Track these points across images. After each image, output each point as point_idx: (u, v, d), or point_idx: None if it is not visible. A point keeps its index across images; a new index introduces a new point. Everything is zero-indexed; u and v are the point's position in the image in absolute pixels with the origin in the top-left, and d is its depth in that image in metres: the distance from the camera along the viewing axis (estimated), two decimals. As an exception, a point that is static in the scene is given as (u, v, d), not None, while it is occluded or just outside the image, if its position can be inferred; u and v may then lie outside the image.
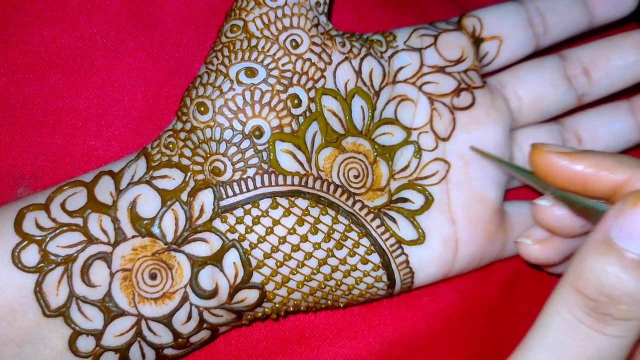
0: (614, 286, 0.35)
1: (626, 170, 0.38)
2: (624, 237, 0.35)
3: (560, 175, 0.40)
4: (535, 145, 0.42)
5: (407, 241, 0.47)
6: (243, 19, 0.45)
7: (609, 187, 0.39)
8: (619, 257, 0.35)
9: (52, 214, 0.42)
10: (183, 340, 0.43)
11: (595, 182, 0.39)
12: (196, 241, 0.43)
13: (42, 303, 0.41)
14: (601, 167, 0.39)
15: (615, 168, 0.38)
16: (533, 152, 0.42)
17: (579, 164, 0.40)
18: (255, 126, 0.43)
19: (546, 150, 0.41)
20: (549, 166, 0.41)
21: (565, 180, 0.40)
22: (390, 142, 0.48)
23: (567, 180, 0.40)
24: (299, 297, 0.45)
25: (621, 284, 0.35)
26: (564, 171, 0.40)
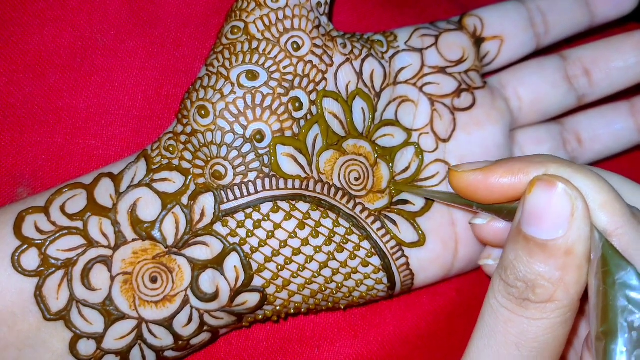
0: (527, 271, 0.36)
1: (539, 168, 0.38)
2: (527, 224, 0.36)
3: (481, 191, 0.41)
4: (450, 169, 0.42)
5: (407, 243, 0.47)
6: (244, 20, 0.45)
7: None
8: (526, 244, 0.36)
9: (51, 217, 0.42)
10: (183, 343, 0.43)
11: (515, 187, 0.39)
12: (197, 245, 0.43)
13: (43, 307, 0.41)
14: (514, 172, 0.39)
15: (528, 169, 0.39)
16: (450, 176, 0.42)
17: (493, 175, 0.40)
18: (257, 130, 0.43)
19: (461, 170, 0.41)
20: (468, 185, 0.41)
21: (488, 194, 0.41)
22: (391, 144, 0.48)
23: (489, 193, 0.40)
24: (300, 299, 0.45)
25: (532, 268, 0.36)
26: (483, 186, 0.40)
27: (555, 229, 0.35)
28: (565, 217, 0.35)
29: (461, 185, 0.41)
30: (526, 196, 0.36)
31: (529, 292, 0.36)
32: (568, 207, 0.35)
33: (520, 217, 0.37)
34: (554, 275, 0.36)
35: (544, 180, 0.36)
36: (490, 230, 0.44)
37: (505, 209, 0.41)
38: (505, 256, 0.37)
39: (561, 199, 0.35)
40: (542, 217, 0.36)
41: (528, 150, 0.53)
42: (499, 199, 0.40)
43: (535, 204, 0.36)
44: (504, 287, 0.37)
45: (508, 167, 0.39)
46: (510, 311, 0.37)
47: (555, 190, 0.36)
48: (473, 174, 0.41)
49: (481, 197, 0.41)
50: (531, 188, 0.36)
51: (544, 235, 0.36)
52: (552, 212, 0.35)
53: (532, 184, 0.36)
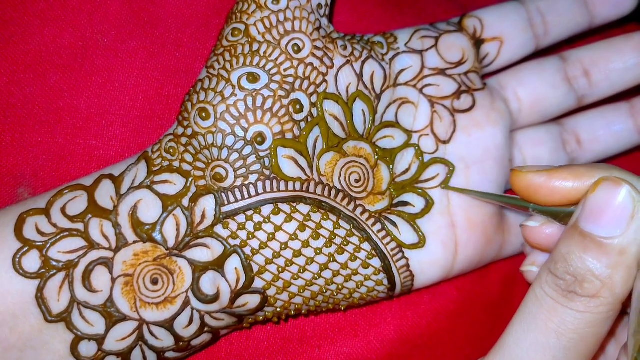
0: (578, 266, 0.38)
1: (603, 173, 0.40)
2: (585, 221, 0.38)
3: (542, 193, 0.42)
4: (515, 169, 0.43)
5: (407, 245, 0.47)
6: (244, 22, 0.45)
7: None
8: (581, 239, 0.38)
9: (52, 219, 0.42)
10: (184, 344, 0.44)
11: (577, 191, 0.40)
12: (198, 246, 0.43)
13: (44, 309, 0.41)
14: (579, 176, 0.40)
15: (593, 173, 0.40)
16: (513, 176, 0.43)
17: (558, 178, 0.41)
18: (257, 132, 0.43)
19: (525, 171, 0.42)
20: (530, 186, 0.42)
21: (548, 195, 0.42)
22: (391, 145, 0.48)
23: (550, 195, 0.42)
24: (301, 301, 0.45)
25: (583, 263, 0.38)
26: (545, 188, 0.42)
27: (614, 228, 0.37)
28: (625, 218, 0.37)
29: (523, 185, 0.43)
30: (589, 194, 0.38)
31: (577, 285, 0.38)
32: (630, 208, 0.37)
33: (579, 214, 0.38)
34: (603, 273, 0.37)
35: (610, 180, 0.38)
36: (542, 233, 0.45)
37: (562, 212, 0.42)
38: (558, 250, 0.39)
39: (624, 200, 0.37)
40: (603, 214, 0.37)
41: (528, 151, 0.53)
42: (558, 201, 0.42)
43: (598, 202, 0.38)
44: (552, 279, 0.39)
45: (573, 171, 0.41)
46: (555, 301, 0.38)
47: (620, 190, 0.37)
48: (537, 175, 0.42)
49: (541, 199, 0.42)
50: (596, 187, 0.38)
51: (602, 232, 0.37)
52: (613, 211, 0.37)
53: (597, 183, 0.38)
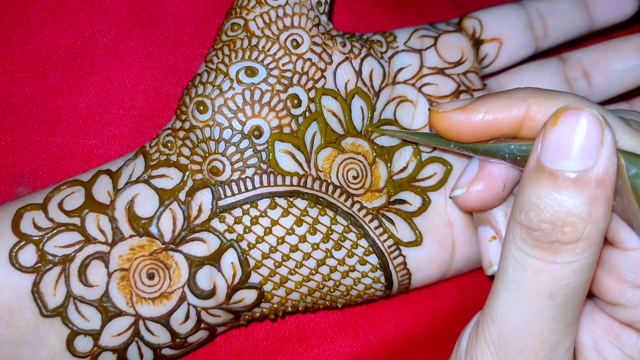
0: (554, 209, 0.34)
1: (520, 104, 0.38)
2: (552, 159, 0.34)
3: (463, 131, 0.40)
4: (431, 109, 0.41)
5: (404, 242, 0.46)
6: (244, 17, 0.45)
7: (512, 126, 0.39)
8: (552, 180, 0.34)
9: (49, 213, 0.42)
10: (181, 341, 0.43)
11: (497, 126, 0.39)
12: (194, 241, 0.43)
13: (40, 303, 0.41)
14: (496, 110, 0.38)
15: (510, 106, 0.38)
16: (431, 117, 0.41)
17: (476, 114, 0.39)
18: (255, 126, 0.43)
19: (442, 110, 0.40)
20: (450, 125, 0.40)
21: (469, 133, 0.40)
22: (389, 143, 0.48)
23: (471, 132, 0.40)
24: (297, 297, 0.45)
25: (561, 205, 0.34)
26: (465, 126, 0.40)
27: (586, 159, 0.34)
28: (595, 145, 0.34)
29: (443, 125, 0.41)
30: (549, 129, 0.35)
31: (557, 232, 0.35)
32: (598, 134, 0.34)
33: (540, 153, 0.35)
34: (584, 211, 0.34)
35: (570, 109, 0.34)
36: (474, 195, 0.42)
37: (480, 147, 0.40)
38: (525, 198, 0.35)
39: (590, 126, 0.34)
40: (571, 148, 0.34)
41: None
42: (480, 137, 0.40)
43: (562, 135, 0.34)
44: (527, 233, 0.35)
45: (490, 105, 0.39)
46: (540, 259, 0.35)
47: (582, 116, 0.34)
48: (455, 114, 0.40)
49: (463, 137, 0.40)
50: (556, 119, 0.34)
51: (575, 166, 0.34)
52: (581, 142, 0.34)
53: (556, 116, 0.35)
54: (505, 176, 0.42)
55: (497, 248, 0.44)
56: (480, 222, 0.46)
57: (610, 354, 0.39)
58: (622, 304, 0.39)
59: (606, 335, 0.40)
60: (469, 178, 0.43)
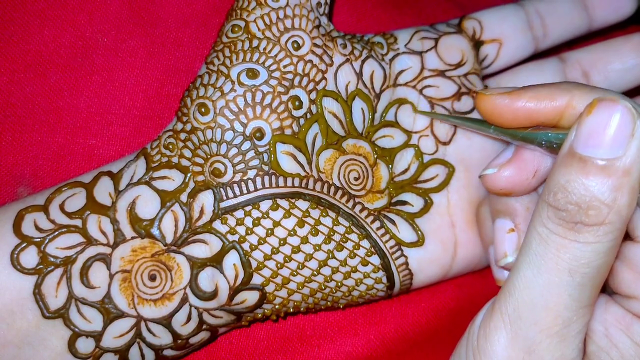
0: (581, 193, 0.36)
1: (564, 94, 0.40)
2: (583, 145, 0.36)
3: (506, 115, 0.42)
4: (479, 92, 0.43)
5: (406, 243, 0.47)
6: (244, 19, 0.45)
7: (554, 114, 0.41)
8: (582, 165, 0.36)
9: (51, 215, 0.42)
10: (182, 342, 0.43)
11: (540, 112, 0.40)
12: (196, 242, 0.43)
13: (41, 305, 0.41)
14: (540, 97, 0.40)
15: (554, 95, 0.40)
16: (478, 99, 0.43)
17: (520, 99, 0.41)
18: (256, 128, 0.43)
19: (488, 94, 0.42)
20: (494, 108, 0.42)
21: (512, 117, 0.42)
22: (391, 145, 0.48)
23: (514, 117, 0.42)
24: (299, 298, 0.45)
25: (587, 189, 0.36)
26: (509, 110, 0.42)
27: (616, 148, 0.36)
28: (626, 137, 0.35)
29: (487, 107, 0.42)
30: (584, 117, 0.36)
31: (582, 214, 0.36)
32: (630, 126, 0.36)
33: (573, 140, 0.37)
34: (609, 197, 0.36)
35: (606, 100, 0.36)
36: (501, 177, 0.44)
37: (519, 133, 0.42)
38: (555, 181, 0.37)
39: (623, 118, 0.36)
40: (603, 136, 0.36)
41: None
42: (521, 123, 0.41)
43: (595, 124, 0.36)
44: (554, 213, 0.37)
45: (535, 92, 0.41)
46: (562, 237, 0.37)
47: (617, 108, 0.36)
48: (500, 97, 0.42)
49: (505, 121, 0.42)
50: (592, 108, 0.36)
51: (604, 154, 0.36)
52: (613, 131, 0.36)
53: (592, 105, 0.36)
54: (538, 165, 0.44)
55: (513, 241, 0.45)
56: (500, 214, 0.46)
57: (620, 340, 0.40)
58: (637, 296, 0.41)
59: (618, 324, 0.41)
60: (502, 160, 0.45)
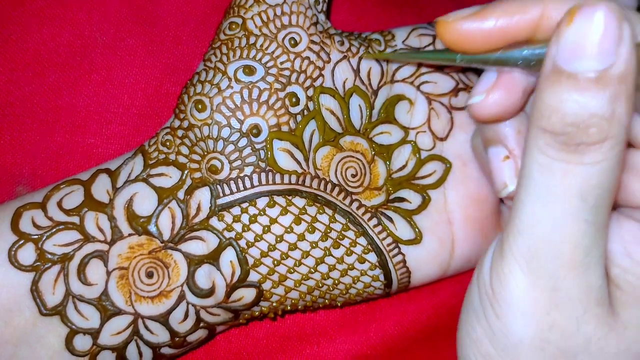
0: (577, 112, 0.33)
1: (537, 4, 0.37)
2: (569, 60, 0.33)
3: (475, 40, 0.38)
4: (439, 20, 0.39)
5: (404, 241, 0.46)
6: (242, 16, 0.45)
7: (528, 28, 0.38)
8: (572, 82, 0.33)
9: (48, 212, 0.42)
10: (180, 339, 0.43)
11: (513, 30, 0.37)
12: (193, 239, 0.43)
13: (39, 302, 0.41)
14: (511, 12, 0.37)
15: (525, 7, 0.37)
16: (439, 28, 0.39)
17: (488, 19, 0.38)
18: (253, 124, 0.43)
19: (451, 20, 0.39)
20: (460, 34, 0.39)
21: (483, 42, 0.38)
22: (388, 142, 0.48)
23: (485, 41, 0.38)
24: (296, 296, 0.45)
25: (583, 107, 0.33)
26: (478, 34, 0.38)
27: (606, 57, 0.32)
28: (614, 42, 0.32)
29: (454, 35, 0.39)
30: (564, 29, 0.33)
31: (583, 134, 0.34)
32: (616, 31, 0.32)
33: (556, 55, 0.33)
34: (607, 110, 0.33)
35: (585, 6, 0.33)
36: (492, 102, 0.41)
37: (491, 57, 0.39)
38: (544, 104, 0.34)
39: (607, 22, 0.32)
40: (589, 47, 0.33)
41: None
42: (493, 45, 0.38)
43: (578, 35, 0.33)
44: (552, 138, 0.34)
45: (504, 8, 0.37)
46: (567, 162, 0.34)
47: (599, 14, 0.32)
48: (466, 21, 0.38)
49: (474, 47, 0.39)
50: (571, 18, 0.33)
51: (595, 65, 0.33)
52: (599, 39, 0.32)
53: (571, 14, 0.33)
54: (526, 81, 0.41)
55: (510, 168, 0.43)
56: (492, 143, 0.45)
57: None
58: None
59: (636, 240, 0.39)
60: (487, 85, 0.42)
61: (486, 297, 0.39)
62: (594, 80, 0.33)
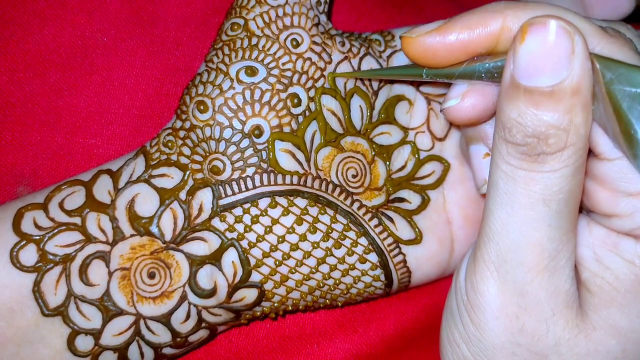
0: (536, 125, 0.35)
1: (497, 17, 0.37)
2: (524, 76, 0.34)
3: (439, 54, 0.39)
4: (403, 36, 0.40)
5: (404, 240, 0.47)
6: (244, 17, 0.45)
7: (490, 41, 0.38)
8: (528, 96, 0.34)
9: (50, 213, 0.42)
10: (181, 340, 0.44)
11: (475, 43, 0.38)
12: (195, 240, 0.43)
13: (41, 302, 0.41)
14: (472, 26, 0.38)
15: (486, 21, 0.37)
16: (404, 43, 0.40)
17: (450, 33, 0.38)
18: (255, 125, 0.43)
19: (415, 35, 0.39)
20: (424, 49, 0.39)
21: (447, 55, 0.39)
22: (388, 142, 0.48)
23: (448, 55, 0.39)
24: (298, 296, 0.45)
25: (540, 120, 0.34)
26: (441, 47, 0.39)
27: (559, 72, 0.34)
28: (566, 56, 0.34)
29: (418, 50, 0.39)
30: (518, 45, 0.34)
31: (542, 145, 0.35)
32: (568, 45, 0.34)
33: (512, 71, 0.35)
34: (564, 121, 0.34)
35: (536, 24, 0.34)
36: (468, 105, 0.41)
37: (455, 71, 0.39)
38: (505, 117, 0.36)
39: (559, 37, 0.34)
40: (542, 63, 0.34)
41: None
42: (457, 58, 0.39)
43: (531, 51, 0.34)
44: (514, 149, 0.36)
45: (465, 21, 0.38)
46: (529, 170, 0.36)
47: (550, 30, 0.34)
48: (429, 37, 0.39)
49: (439, 61, 0.39)
50: (523, 36, 0.34)
51: (548, 81, 0.34)
52: (552, 55, 0.34)
53: (523, 32, 0.34)
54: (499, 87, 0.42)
55: None
56: (472, 140, 0.45)
57: (611, 261, 0.39)
58: (617, 214, 0.38)
59: (605, 245, 0.39)
60: (462, 89, 0.42)
61: (462, 302, 0.41)
62: (549, 93, 0.34)
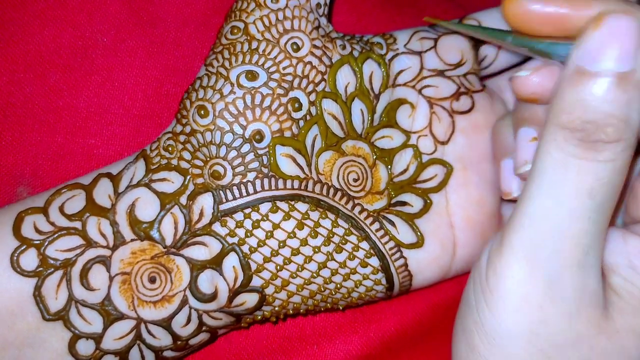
0: (597, 111, 0.35)
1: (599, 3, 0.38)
2: (592, 61, 0.35)
3: (534, 20, 0.40)
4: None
5: (406, 244, 0.46)
6: (243, 20, 0.45)
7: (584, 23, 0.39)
8: (593, 82, 0.35)
9: (50, 217, 0.42)
10: (182, 343, 0.44)
11: (571, 20, 0.38)
12: (195, 245, 0.43)
13: (42, 307, 0.41)
14: (574, 4, 0.38)
15: (590, 2, 0.38)
16: (507, 4, 0.40)
17: (552, 4, 0.39)
18: (256, 130, 0.43)
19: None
20: (523, 13, 0.40)
21: (541, 24, 0.40)
22: (390, 146, 0.48)
23: (542, 23, 0.39)
24: (299, 300, 0.45)
25: (603, 107, 0.35)
26: (538, 15, 0.39)
27: (629, 61, 0.35)
28: (635, 48, 0.35)
29: (516, 12, 0.40)
30: (591, 31, 0.35)
31: (600, 132, 0.35)
32: (637, 38, 0.35)
33: (581, 55, 0.36)
34: (623, 112, 0.35)
35: (614, 14, 0.35)
36: (536, 80, 0.42)
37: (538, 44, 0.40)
38: (567, 101, 0.36)
39: (631, 30, 0.35)
40: (611, 50, 0.35)
41: None
42: (547, 31, 0.40)
43: (603, 38, 0.35)
44: (571, 134, 0.36)
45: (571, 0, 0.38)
46: (582, 158, 0.36)
47: (625, 23, 0.35)
48: (531, 2, 0.39)
49: (531, 27, 0.40)
50: (599, 22, 0.35)
51: (618, 67, 0.35)
52: (624, 44, 0.35)
53: (599, 19, 0.35)
54: None
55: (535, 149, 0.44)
56: (525, 123, 0.45)
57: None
58: None
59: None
60: (536, 64, 0.43)
61: (480, 289, 0.41)
62: (615, 81, 0.35)
